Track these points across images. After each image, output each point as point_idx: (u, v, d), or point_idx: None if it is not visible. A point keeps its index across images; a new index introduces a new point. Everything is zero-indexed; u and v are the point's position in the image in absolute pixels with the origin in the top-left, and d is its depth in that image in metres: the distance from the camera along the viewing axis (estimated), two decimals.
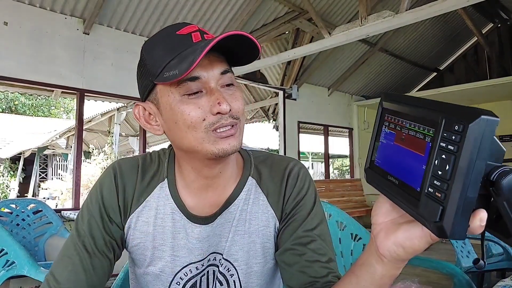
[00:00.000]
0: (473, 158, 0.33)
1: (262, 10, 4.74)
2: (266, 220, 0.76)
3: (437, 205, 0.35)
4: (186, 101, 0.64)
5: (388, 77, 7.43)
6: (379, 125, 0.48)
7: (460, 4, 3.23)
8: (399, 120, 0.44)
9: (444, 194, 0.34)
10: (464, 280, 1.42)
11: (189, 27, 0.67)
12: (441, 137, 0.36)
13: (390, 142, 0.45)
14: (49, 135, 9.76)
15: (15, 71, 3.44)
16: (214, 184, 0.74)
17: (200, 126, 0.64)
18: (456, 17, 6.43)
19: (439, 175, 0.35)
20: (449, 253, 4.84)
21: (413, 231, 0.43)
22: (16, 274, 2.05)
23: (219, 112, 0.63)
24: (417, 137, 0.40)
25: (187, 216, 0.74)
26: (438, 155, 0.36)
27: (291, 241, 0.72)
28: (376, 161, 0.48)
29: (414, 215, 0.39)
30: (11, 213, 2.80)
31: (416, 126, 0.40)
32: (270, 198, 0.77)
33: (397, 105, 0.45)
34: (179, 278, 0.74)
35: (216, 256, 0.75)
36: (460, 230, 0.34)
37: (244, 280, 0.75)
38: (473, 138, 0.32)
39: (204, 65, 0.64)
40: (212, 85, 0.65)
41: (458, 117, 0.34)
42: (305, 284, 0.69)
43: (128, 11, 3.99)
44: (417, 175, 0.39)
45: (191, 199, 0.75)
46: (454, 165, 0.33)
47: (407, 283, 2.51)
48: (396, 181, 0.43)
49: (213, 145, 0.65)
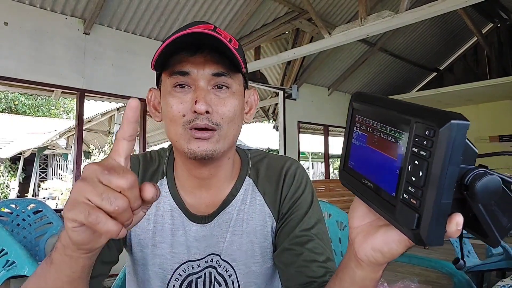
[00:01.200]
0: (445, 164, 0.31)
1: (262, 10, 4.74)
2: (263, 220, 0.76)
3: (413, 212, 0.34)
4: (174, 93, 0.66)
5: (387, 77, 7.43)
6: (350, 126, 0.46)
7: (460, 4, 3.23)
8: (370, 122, 0.42)
9: (419, 201, 0.33)
10: (464, 279, 1.42)
11: (204, 26, 0.66)
12: (413, 142, 0.34)
13: (363, 144, 0.44)
14: (49, 135, 9.76)
15: (15, 71, 3.44)
16: (207, 185, 0.74)
17: (179, 121, 0.65)
18: (456, 17, 6.43)
19: (413, 182, 0.34)
20: (448, 252, 4.85)
21: (391, 236, 0.41)
22: (16, 274, 2.05)
23: (195, 111, 0.63)
24: (389, 140, 0.39)
25: (186, 214, 0.74)
26: (411, 160, 0.34)
27: (289, 241, 0.72)
28: (350, 163, 0.46)
29: (390, 221, 0.38)
30: (11, 213, 2.80)
31: (388, 129, 0.39)
32: (267, 197, 0.77)
33: (368, 106, 0.43)
34: (177, 275, 0.74)
35: (213, 258, 0.75)
36: (437, 237, 0.33)
37: (242, 280, 0.75)
38: (444, 143, 0.31)
39: (197, 62, 0.65)
40: (201, 83, 0.65)
41: (429, 121, 0.33)
42: (302, 284, 0.68)
43: (128, 12, 3.99)
44: (391, 180, 0.37)
45: (188, 197, 0.75)
46: (428, 171, 0.32)
47: (406, 282, 2.51)
48: (371, 185, 0.41)
49: (186, 143, 0.65)
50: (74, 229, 0.41)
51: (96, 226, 0.38)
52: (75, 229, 0.41)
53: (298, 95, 5.94)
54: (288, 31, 5.30)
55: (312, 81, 6.40)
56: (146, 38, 4.35)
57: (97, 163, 0.42)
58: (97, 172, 0.40)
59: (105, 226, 0.38)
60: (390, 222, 0.39)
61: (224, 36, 0.64)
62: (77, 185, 0.40)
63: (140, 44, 4.29)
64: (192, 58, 0.65)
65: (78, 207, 0.39)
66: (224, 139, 0.67)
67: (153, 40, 4.41)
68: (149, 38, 4.37)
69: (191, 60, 0.65)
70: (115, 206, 0.39)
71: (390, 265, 1.93)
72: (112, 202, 0.39)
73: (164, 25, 4.31)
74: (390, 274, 3.75)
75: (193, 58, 0.65)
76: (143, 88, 4.34)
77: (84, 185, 0.40)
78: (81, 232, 0.42)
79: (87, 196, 0.39)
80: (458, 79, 7.61)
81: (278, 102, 6.02)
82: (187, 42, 0.64)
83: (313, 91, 6.49)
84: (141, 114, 4.54)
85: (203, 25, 0.66)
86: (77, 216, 0.39)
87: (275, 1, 4.69)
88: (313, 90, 6.50)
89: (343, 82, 6.81)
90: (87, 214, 0.38)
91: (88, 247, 0.44)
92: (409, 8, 3.46)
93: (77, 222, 0.40)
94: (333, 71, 6.49)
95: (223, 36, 0.64)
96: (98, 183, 0.40)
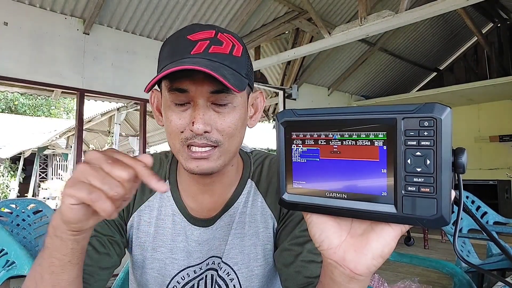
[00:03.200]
0: (450, 146, 0.35)
1: (262, 10, 4.73)
2: (265, 222, 0.75)
3: (429, 200, 0.35)
4: (173, 108, 0.65)
5: (387, 76, 7.43)
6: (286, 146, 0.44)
7: (460, 4, 3.22)
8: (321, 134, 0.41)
9: (433, 188, 0.35)
10: (465, 279, 1.42)
11: (204, 33, 0.64)
12: (406, 136, 0.36)
13: (315, 159, 0.42)
14: (49, 135, 9.76)
15: (15, 71, 3.44)
16: (210, 191, 0.74)
17: (177, 137, 0.65)
18: (456, 16, 6.43)
19: (418, 172, 0.36)
20: (449, 252, 4.86)
21: (387, 235, 0.40)
22: (16, 274, 2.04)
23: (192, 130, 0.62)
24: (360, 145, 0.38)
25: (188, 218, 0.74)
26: (409, 154, 0.36)
27: (288, 241, 0.72)
28: (297, 184, 0.43)
29: (385, 219, 0.38)
30: (11, 213, 2.80)
31: (354, 135, 0.39)
32: (268, 199, 0.76)
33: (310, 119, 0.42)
34: (175, 282, 0.74)
35: (215, 260, 0.74)
36: (451, 213, 0.36)
37: (244, 284, 0.74)
38: (447, 129, 0.35)
39: (196, 80, 0.62)
40: (199, 101, 0.63)
41: (423, 114, 0.35)
42: (301, 285, 0.68)
43: (128, 11, 3.98)
44: (376, 181, 0.38)
45: (190, 201, 0.75)
46: (435, 158, 0.35)
47: (407, 282, 2.51)
48: (343, 195, 0.40)
49: (185, 160, 0.65)
50: (71, 206, 0.44)
51: (95, 203, 0.42)
52: (72, 206, 0.44)
53: (298, 95, 5.94)
54: (288, 31, 5.30)
55: (312, 81, 6.39)
56: (146, 37, 4.34)
57: (101, 151, 0.45)
58: (100, 160, 0.44)
59: (104, 205, 0.42)
60: (385, 221, 0.39)
61: (225, 45, 0.63)
62: (80, 167, 0.44)
63: (140, 44, 4.29)
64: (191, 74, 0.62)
65: (80, 186, 0.43)
66: (226, 154, 0.66)
67: (153, 40, 4.40)
68: (149, 38, 4.37)
69: (190, 77, 0.62)
70: (115, 192, 0.42)
71: (391, 266, 1.95)
72: (112, 188, 0.42)
73: (164, 24, 4.30)
74: (390, 275, 3.75)
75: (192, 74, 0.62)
76: (143, 88, 4.33)
77: (87, 169, 0.43)
78: (76, 210, 0.44)
79: (89, 179, 0.43)
80: (458, 79, 7.61)
81: (278, 102, 6.02)
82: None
83: (313, 91, 6.49)
84: (141, 114, 4.54)
85: (203, 32, 0.64)
86: (78, 192, 0.42)
87: (275, 1, 4.69)
88: (313, 90, 6.49)
89: (343, 82, 6.81)
90: (89, 192, 0.42)
91: (77, 226, 0.47)
92: (409, 8, 3.46)
93: (76, 198, 0.43)
94: (333, 71, 6.48)
95: (224, 44, 0.63)
96: (100, 170, 0.43)
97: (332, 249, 0.43)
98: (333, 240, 0.43)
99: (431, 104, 0.35)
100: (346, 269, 0.42)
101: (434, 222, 0.36)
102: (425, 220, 0.36)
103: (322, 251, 0.44)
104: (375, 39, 6.17)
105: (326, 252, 0.43)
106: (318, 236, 0.43)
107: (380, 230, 0.40)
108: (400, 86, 7.81)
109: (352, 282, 0.44)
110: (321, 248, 0.44)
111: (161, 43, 4.53)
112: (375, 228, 0.41)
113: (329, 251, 0.43)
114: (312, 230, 0.44)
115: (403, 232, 0.41)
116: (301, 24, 5.02)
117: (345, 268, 0.42)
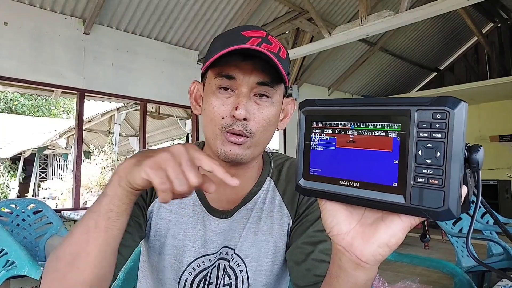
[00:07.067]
0: (462, 140, 0.35)
1: (262, 10, 4.74)
2: (281, 219, 0.78)
3: (437, 192, 0.36)
4: (217, 94, 0.69)
5: (388, 76, 7.44)
6: (305, 134, 0.46)
7: (460, 4, 3.23)
8: (339, 124, 0.43)
9: (441, 180, 0.36)
10: (465, 279, 1.42)
11: (257, 32, 0.69)
12: (419, 128, 0.37)
13: (331, 148, 0.43)
14: (49, 135, 9.76)
15: (15, 71, 3.44)
16: None
17: (218, 123, 0.69)
18: (456, 16, 6.43)
19: (428, 164, 0.36)
20: (449, 252, 4.85)
21: (396, 226, 0.41)
22: (16, 274, 2.05)
23: (234, 116, 0.66)
24: (375, 135, 0.40)
25: (207, 209, 0.77)
26: (420, 145, 0.37)
27: (301, 240, 0.74)
28: (313, 171, 0.45)
29: (393, 209, 0.39)
30: (11, 213, 2.80)
31: (370, 126, 0.40)
32: (286, 197, 0.80)
33: (330, 109, 0.44)
34: (191, 269, 0.76)
35: (228, 251, 0.77)
36: (459, 208, 0.36)
37: (252, 277, 0.77)
38: (459, 122, 0.35)
39: (245, 69, 0.67)
40: (244, 89, 0.68)
41: (437, 106, 0.36)
42: (311, 283, 0.69)
43: (128, 11, 3.98)
44: (388, 171, 0.39)
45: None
46: (446, 150, 0.35)
47: (407, 282, 2.51)
48: (355, 184, 0.41)
49: (221, 144, 0.69)
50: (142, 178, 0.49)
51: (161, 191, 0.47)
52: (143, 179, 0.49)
53: (298, 95, 5.94)
54: (288, 30, 5.30)
55: (312, 81, 6.39)
56: (146, 37, 4.35)
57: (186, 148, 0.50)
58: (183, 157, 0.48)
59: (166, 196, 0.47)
60: (394, 211, 0.40)
61: (274, 46, 0.67)
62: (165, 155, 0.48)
63: (140, 44, 4.29)
64: (241, 64, 0.67)
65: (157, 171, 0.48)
66: (255, 146, 0.71)
67: (153, 39, 4.41)
68: (149, 38, 4.37)
69: (239, 66, 0.67)
70: (181, 189, 0.47)
71: (391, 266, 1.95)
72: (181, 185, 0.47)
73: (164, 24, 4.31)
74: (391, 274, 3.75)
75: (242, 64, 0.67)
76: (143, 88, 4.34)
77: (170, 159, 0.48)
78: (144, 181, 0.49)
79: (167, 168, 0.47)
80: (459, 78, 7.61)
81: None
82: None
83: (314, 91, 6.49)
84: (141, 114, 4.54)
85: (255, 31, 0.69)
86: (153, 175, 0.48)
87: (275, 1, 4.69)
88: (314, 90, 6.49)
89: (344, 82, 6.81)
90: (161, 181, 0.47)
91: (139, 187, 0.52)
92: (409, 7, 3.46)
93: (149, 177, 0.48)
94: (333, 71, 6.49)
95: (273, 45, 0.67)
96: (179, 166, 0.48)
97: (341, 235, 0.45)
98: (342, 226, 0.45)
99: (445, 97, 0.36)
100: (352, 255, 0.44)
101: (440, 215, 0.36)
102: (432, 211, 0.36)
103: (332, 236, 0.46)
104: (375, 39, 6.17)
105: (336, 238, 0.46)
106: (330, 222, 0.46)
107: (389, 221, 0.42)
108: (400, 86, 7.82)
109: (359, 270, 0.45)
110: (331, 234, 0.46)
111: (161, 43, 4.57)
112: (385, 219, 0.42)
113: (338, 237, 0.45)
114: (324, 216, 0.47)
115: (412, 225, 0.41)
116: (302, 24, 5.02)
117: (351, 254, 0.44)
